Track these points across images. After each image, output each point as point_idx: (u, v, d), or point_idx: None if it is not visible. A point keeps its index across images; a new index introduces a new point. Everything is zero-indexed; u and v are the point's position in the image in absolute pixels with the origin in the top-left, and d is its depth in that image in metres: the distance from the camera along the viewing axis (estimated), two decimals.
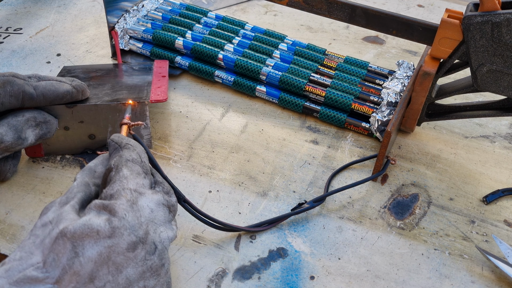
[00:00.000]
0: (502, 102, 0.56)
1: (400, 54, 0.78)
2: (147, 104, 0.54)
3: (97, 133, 0.55)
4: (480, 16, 0.49)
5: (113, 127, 0.55)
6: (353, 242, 0.50)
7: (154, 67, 0.64)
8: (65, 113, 0.53)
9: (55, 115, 0.52)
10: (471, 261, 0.49)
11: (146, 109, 0.54)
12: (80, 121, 0.53)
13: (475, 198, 0.55)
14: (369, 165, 0.58)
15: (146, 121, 0.55)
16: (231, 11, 0.86)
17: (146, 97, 0.55)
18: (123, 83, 0.59)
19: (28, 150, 0.55)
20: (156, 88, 0.58)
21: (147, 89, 0.57)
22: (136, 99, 0.54)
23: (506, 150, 0.62)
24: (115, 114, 0.54)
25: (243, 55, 0.68)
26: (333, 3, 0.58)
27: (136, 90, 0.57)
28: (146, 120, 0.54)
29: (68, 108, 0.52)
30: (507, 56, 0.50)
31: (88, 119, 0.54)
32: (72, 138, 0.55)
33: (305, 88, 0.64)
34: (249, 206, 0.52)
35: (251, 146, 0.59)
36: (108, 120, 0.54)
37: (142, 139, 0.54)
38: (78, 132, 0.54)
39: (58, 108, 0.52)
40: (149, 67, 0.64)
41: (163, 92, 0.57)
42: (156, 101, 0.55)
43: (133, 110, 0.53)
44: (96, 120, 0.54)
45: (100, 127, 0.54)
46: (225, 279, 0.45)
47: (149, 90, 0.57)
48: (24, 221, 0.49)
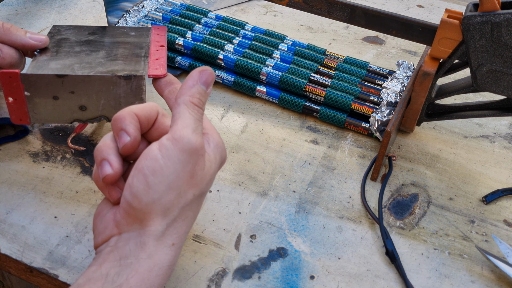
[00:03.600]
0: (501, 102, 0.56)
1: (400, 54, 0.78)
2: (144, 78, 0.50)
3: (89, 105, 0.51)
4: (480, 16, 0.49)
5: (106, 99, 0.51)
6: (353, 242, 0.50)
7: (151, 33, 0.60)
8: (55, 82, 0.49)
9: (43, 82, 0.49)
10: (471, 261, 0.49)
11: (143, 84, 0.50)
12: (71, 91, 0.50)
13: (474, 198, 0.55)
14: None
15: (142, 96, 0.51)
16: (231, 11, 0.86)
17: (143, 71, 0.51)
18: (118, 51, 0.55)
19: (14, 115, 0.50)
20: (154, 60, 0.54)
21: (145, 60, 0.53)
22: (132, 72, 0.50)
23: (506, 150, 0.62)
24: (109, 87, 0.50)
25: (243, 55, 0.68)
26: (333, 3, 0.58)
27: (132, 61, 0.53)
28: (142, 95, 0.51)
29: (58, 78, 0.49)
30: (506, 56, 0.50)
31: (79, 90, 0.50)
32: (62, 108, 0.51)
33: (305, 88, 0.64)
34: (249, 206, 0.52)
35: (251, 146, 0.60)
36: (101, 93, 0.50)
37: None
38: (68, 102, 0.51)
39: (47, 77, 0.49)
40: (146, 33, 0.60)
41: (162, 65, 0.53)
42: (154, 76, 0.51)
43: (129, 84, 0.50)
44: (88, 92, 0.50)
45: (92, 99, 0.51)
46: (225, 279, 0.46)
47: (146, 62, 0.53)
48: (24, 221, 0.49)
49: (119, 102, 0.51)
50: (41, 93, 0.50)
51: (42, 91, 0.49)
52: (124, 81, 0.50)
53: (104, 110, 0.52)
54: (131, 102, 0.51)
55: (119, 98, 0.51)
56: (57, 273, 0.45)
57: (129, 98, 0.51)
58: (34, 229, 0.49)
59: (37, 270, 0.46)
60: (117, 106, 0.51)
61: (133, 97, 0.51)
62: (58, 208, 0.51)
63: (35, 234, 0.48)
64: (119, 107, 0.51)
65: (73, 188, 0.53)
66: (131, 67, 0.52)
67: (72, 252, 0.47)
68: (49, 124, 0.60)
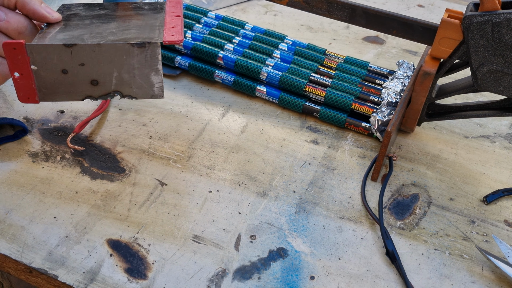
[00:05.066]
0: (502, 102, 0.56)
1: (400, 54, 0.78)
2: (159, 46, 0.47)
3: (101, 79, 0.48)
4: (480, 16, 0.49)
5: (119, 72, 0.48)
6: (353, 242, 0.50)
7: (166, 6, 0.57)
8: (63, 53, 0.46)
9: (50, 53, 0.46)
10: (471, 261, 0.49)
11: (158, 52, 0.47)
12: (81, 63, 0.47)
13: (475, 198, 0.55)
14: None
15: (157, 66, 0.48)
16: (231, 11, 0.86)
17: (158, 38, 0.47)
18: (131, 22, 0.52)
19: (21, 93, 0.48)
20: (170, 28, 0.50)
21: (159, 29, 0.50)
22: (146, 39, 0.47)
23: (506, 150, 0.62)
24: (122, 57, 0.47)
25: (243, 55, 0.68)
26: (333, 3, 0.58)
27: (146, 30, 0.50)
28: (157, 66, 0.48)
29: (66, 47, 0.46)
30: (507, 56, 0.50)
31: (90, 62, 0.47)
32: (72, 84, 0.48)
33: (305, 88, 0.64)
34: (249, 206, 0.52)
35: (251, 146, 0.59)
36: (113, 64, 0.47)
37: (153, 87, 0.49)
38: (79, 76, 0.48)
39: (55, 47, 0.46)
40: (160, 6, 0.57)
41: (178, 32, 0.49)
42: (171, 42, 0.48)
43: (143, 53, 0.47)
44: (100, 63, 0.47)
45: (104, 71, 0.48)
46: (225, 279, 0.45)
47: (161, 30, 0.50)
48: (24, 221, 0.49)
49: (133, 75, 0.48)
50: (49, 66, 0.47)
51: (50, 64, 0.46)
52: (137, 50, 0.47)
53: (117, 85, 0.49)
54: (146, 73, 0.48)
55: (133, 69, 0.48)
56: (57, 274, 0.45)
57: (144, 69, 0.48)
58: (33, 229, 0.49)
59: (36, 271, 0.46)
60: (131, 79, 0.48)
61: (148, 68, 0.48)
62: (57, 208, 0.51)
63: (34, 235, 0.48)
64: (133, 80, 0.48)
65: (73, 188, 0.53)
66: (145, 35, 0.48)
67: (71, 253, 0.47)
68: (48, 124, 0.60)
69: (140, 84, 0.49)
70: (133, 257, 0.47)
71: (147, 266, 0.46)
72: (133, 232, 0.49)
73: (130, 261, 0.46)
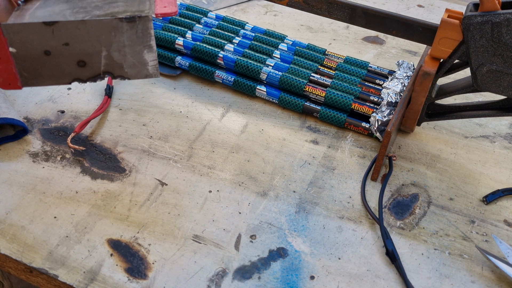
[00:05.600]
0: (502, 102, 0.56)
1: (400, 54, 0.78)
2: (151, 19, 0.43)
3: (88, 59, 0.43)
4: (480, 16, 0.49)
5: (108, 50, 0.43)
6: (353, 242, 0.50)
7: None
8: (44, 32, 0.41)
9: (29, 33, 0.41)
10: (471, 261, 0.49)
11: (150, 26, 0.43)
12: (65, 43, 0.42)
13: (475, 198, 0.55)
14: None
15: (150, 43, 0.44)
16: (231, 11, 0.86)
17: (149, 10, 0.43)
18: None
19: (0, 79, 0.44)
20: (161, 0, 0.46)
21: (150, 1, 0.45)
22: (136, 13, 0.42)
23: (506, 150, 0.62)
24: (110, 34, 0.42)
25: (243, 55, 0.68)
26: (333, 3, 0.58)
27: (135, 2, 0.45)
28: (150, 42, 0.44)
29: (47, 25, 0.41)
30: (507, 56, 0.50)
31: (74, 41, 0.42)
32: (56, 65, 0.44)
33: (305, 88, 0.64)
34: (249, 206, 0.52)
35: (251, 146, 0.60)
36: (101, 42, 0.43)
37: (147, 65, 0.45)
38: (63, 57, 0.43)
39: (34, 26, 0.41)
40: None
41: (171, 3, 0.45)
42: (164, 14, 0.43)
43: (134, 28, 0.42)
44: (86, 42, 0.42)
45: (91, 51, 0.43)
46: (225, 279, 0.46)
47: (152, 2, 0.45)
48: (24, 221, 0.49)
49: (124, 53, 0.44)
50: (29, 48, 0.42)
51: (30, 45, 0.42)
52: (127, 25, 0.42)
53: (107, 65, 0.45)
54: (138, 51, 0.44)
55: (123, 47, 0.44)
56: (57, 273, 0.45)
57: (136, 46, 0.44)
58: (33, 229, 0.49)
59: (36, 270, 0.46)
60: (122, 58, 0.44)
61: (140, 45, 0.44)
62: (57, 208, 0.51)
63: (34, 234, 0.48)
64: (124, 59, 0.44)
65: (73, 188, 0.53)
66: (135, 8, 0.44)
67: (71, 252, 0.47)
68: (48, 124, 0.60)
69: (132, 63, 0.45)
70: (133, 257, 0.47)
71: (147, 266, 0.46)
72: (134, 232, 0.49)
73: (131, 261, 0.46)
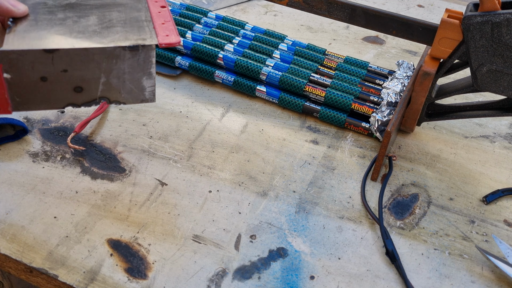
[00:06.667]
0: (502, 102, 0.56)
1: (400, 54, 0.78)
2: (154, 48, 0.42)
3: (86, 85, 0.42)
4: (480, 16, 0.49)
5: (107, 77, 0.42)
6: (353, 242, 0.50)
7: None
8: (43, 59, 0.39)
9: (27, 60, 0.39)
10: (471, 261, 0.49)
11: (152, 55, 0.42)
12: (63, 70, 0.40)
13: (475, 198, 0.55)
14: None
15: (150, 70, 0.42)
16: (231, 11, 0.86)
17: (152, 38, 0.42)
18: (112, 15, 0.45)
19: None
20: (161, 25, 0.44)
21: (149, 26, 0.44)
22: (139, 42, 0.41)
23: (506, 150, 0.62)
24: (111, 61, 0.41)
25: (243, 55, 0.68)
26: (333, 3, 0.58)
27: (134, 27, 0.43)
28: (150, 69, 0.42)
29: (47, 53, 0.39)
30: (507, 56, 0.50)
31: (74, 68, 0.40)
32: (51, 91, 0.41)
33: (305, 88, 0.64)
34: (249, 206, 0.52)
35: (251, 146, 0.60)
36: (101, 69, 0.41)
37: (144, 91, 0.44)
38: (60, 83, 0.41)
39: (34, 53, 0.39)
40: None
41: (172, 30, 0.43)
42: (168, 44, 0.42)
43: (136, 56, 0.41)
44: (85, 69, 0.41)
45: (90, 77, 0.41)
46: (225, 279, 0.46)
47: (151, 27, 0.43)
48: (25, 221, 0.49)
49: (123, 79, 0.43)
50: (25, 74, 0.40)
51: (26, 71, 0.40)
52: (129, 53, 0.41)
53: (105, 91, 0.43)
54: (138, 78, 0.43)
55: (123, 74, 0.42)
56: (57, 273, 0.45)
57: (135, 73, 0.43)
58: (33, 229, 0.49)
59: (36, 270, 0.46)
60: (120, 84, 0.43)
61: (140, 72, 0.43)
62: (57, 208, 0.51)
63: (34, 234, 0.48)
64: (122, 85, 0.43)
65: (73, 188, 0.53)
66: (135, 35, 0.42)
67: (71, 252, 0.47)
68: (48, 124, 0.60)
69: (130, 89, 0.44)
70: (133, 257, 0.47)
71: (147, 266, 0.46)
72: (134, 232, 0.49)
73: (131, 261, 0.46)
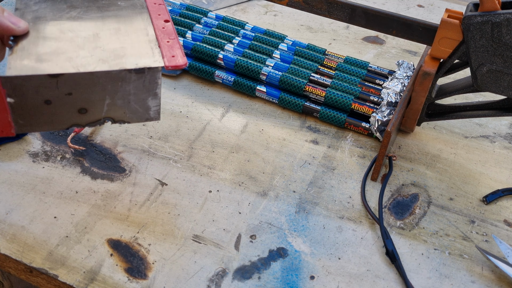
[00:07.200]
0: (502, 102, 0.56)
1: (400, 54, 0.78)
2: (160, 70, 0.41)
3: (90, 107, 0.41)
4: (480, 16, 0.49)
5: (112, 99, 0.41)
6: (353, 242, 0.50)
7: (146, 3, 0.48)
8: (47, 84, 0.38)
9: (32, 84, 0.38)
10: (471, 261, 0.49)
11: (158, 76, 0.41)
12: (68, 93, 0.40)
13: (475, 198, 0.55)
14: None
15: (156, 91, 0.42)
16: (231, 11, 0.86)
17: (157, 60, 0.41)
18: (114, 32, 0.44)
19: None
20: (166, 44, 0.43)
21: (154, 45, 0.42)
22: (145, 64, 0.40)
23: (506, 150, 0.62)
24: (117, 84, 0.40)
25: (243, 55, 0.68)
26: (333, 3, 0.58)
27: (138, 45, 0.43)
28: (156, 90, 0.41)
29: (51, 78, 0.38)
30: (507, 56, 0.50)
31: (79, 91, 0.40)
32: (55, 113, 0.41)
33: (305, 88, 0.64)
34: (249, 206, 0.52)
35: (251, 146, 0.60)
36: (106, 91, 0.41)
37: (149, 111, 0.43)
38: (64, 106, 0.41)
39: (38, 78, 0.38)
40: (139, 2, 0.48)
41: (178, 50, 0.42)
42: (174, 67, 0.40)
43: (142, 78, 0.40)
44: (90, 92, 0.40)
45: (95, 99, 0.41)
46: (225, 279, 0.46)
47: (156, 46, 0.42)
48: (25, 221, 0.49)
49: (128, 100, 0.42)
50: (29, 98, 0.39)
51: (30, 95, 0.39)
52: (135, 76, 0.41)
53: (109, 111, 0.43)
54: (143, 98, 0.42)
55: (128, 95, 0.42)
56: (57, 273, 0.45)
57: (141, 94, 0.42)
58: (33, 229, 0.49)
59: (36, 270, 0.46)
60: (125, 105, 0.42)
61: (146, 93, 0.42)
62: (57, 208, 0.51)
63: (34, 234, 0.48)
64: (127, 106, 0.43)
65: (73, 188, 0.53)
66: (140, 55, 0.42)
67: (71, 252, 0.47)
68: None
69: (135, 109, 0.43)
70: (133, 257, 0.47)
71: (147, 266, 0.46)
72: (134, 232, 0.49)
73: (131, 261, 0.46)
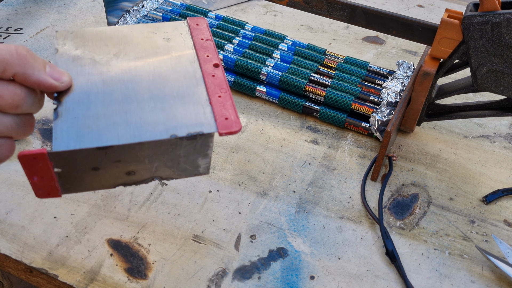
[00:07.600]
0: (502, 102, 0.56)
1: (400, 54, 0.78)
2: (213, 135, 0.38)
3: (138, 170, 0.40)
4: (480, 16, 0.49)
5: (162, 161, 0.39)
6: (353, 242, 0.50)
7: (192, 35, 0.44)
8: (95, 155, 0.37)
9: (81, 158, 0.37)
10: (471, 261, 0.49)
11: (211, 140, 0.38)
12: (117, 160, 0.38)
13: (475, 198, 0.55)
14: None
15: (207, 152, 0.39)
16: (231, 11, 0.86)
17: (210, 124, 0.37)
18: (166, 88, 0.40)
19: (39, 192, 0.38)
20: (217, 100, 0.39)
21: (205, 104, 0.39)
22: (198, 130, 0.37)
23: (506, 150, 0.62)
24: (167, 149, 0.38)
25: (243, 55, 0.68)
26: (333, 3, 0.58)
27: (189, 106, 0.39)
28: (207, 151, 0.39)
29: (99, 149, 0.36)
30: (507, 56, 0.50)
31: (127, 158, 0.38)
32: (103, 178, 0.40)
33: (305, 88, 0.64)
34: (249, 206, 0.52)
35: (251, 146, 0.60)
36: (155, 156, 0.39)
37: (198, 168, 0.41)
38: (112, 171, 0.39)
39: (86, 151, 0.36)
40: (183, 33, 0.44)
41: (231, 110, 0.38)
42: (228, 133, 0.37)
43: (193, 144, 0.38)
44: (139, 158, 0.38)
45: (144, 163, 0.39)
46: (225, 279, 0.46)
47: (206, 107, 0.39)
48: (25, 221, 0.49)
49: (178, 162, 0.40)
50: (77, 168, 0.38)
51: (78, 165, 0.38)
52: (187, 142, 0.38)
53: (158, 172, 0.41)
54: (193, 160, 0.40)
55: (179, 158, 0.40)
56: (57, 273, 0.45)
57: (191, 156, 0.40)
58: (33, 229, 0.49)
59: (36, 270, 0.46)
60: (175, 166, 0.40)
61: (196, 155, 0.40)
62: (57, 208, 0.51)
63: (34, 234, 0.48)
64: (177, 167, 0.41)
65: None
66: (192, 119, 0.38)
67: (71, 252, 0.47)
68: (48, 124, 0.60)
69: (184, 168, 0.41)
70: (133, 257, 0.47)
71: (147, 266, 0.46)
72: (134, 232, 0.49)
73: (131, 261, 0.46)
